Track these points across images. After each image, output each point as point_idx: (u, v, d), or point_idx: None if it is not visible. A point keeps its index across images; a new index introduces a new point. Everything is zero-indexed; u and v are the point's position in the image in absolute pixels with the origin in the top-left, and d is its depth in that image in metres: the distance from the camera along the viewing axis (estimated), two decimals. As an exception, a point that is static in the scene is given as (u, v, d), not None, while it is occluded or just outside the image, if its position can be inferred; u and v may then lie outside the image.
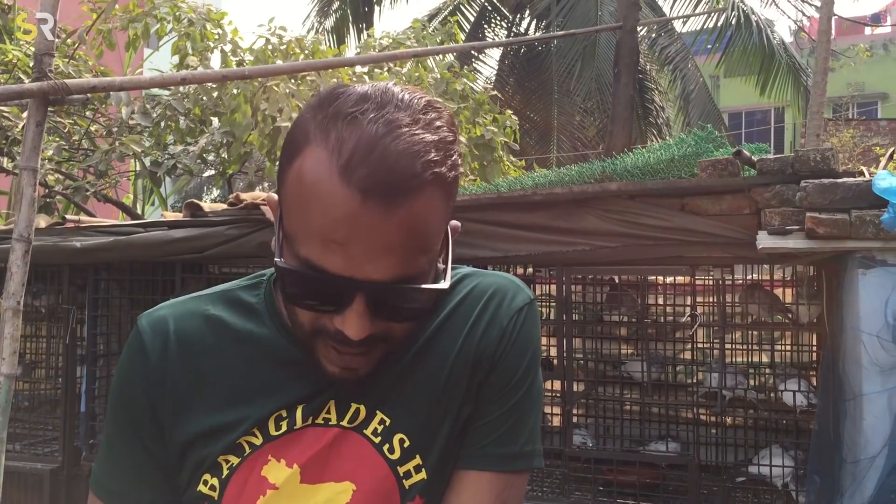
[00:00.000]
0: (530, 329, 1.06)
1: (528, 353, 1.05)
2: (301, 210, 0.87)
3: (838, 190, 2.88)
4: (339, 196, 0.82)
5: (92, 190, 6.56)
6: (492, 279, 1.08)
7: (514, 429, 1.04)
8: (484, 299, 1.05)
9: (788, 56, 12.75)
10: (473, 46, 12.67)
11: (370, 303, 0.88)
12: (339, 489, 1.00)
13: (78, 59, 7.40)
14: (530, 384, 1.05)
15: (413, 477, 1.00)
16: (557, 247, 3.43)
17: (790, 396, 3.51)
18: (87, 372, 4.36)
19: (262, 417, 1.00)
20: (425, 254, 0.89)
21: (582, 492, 3.58)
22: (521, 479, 1.05)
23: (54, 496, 4.24)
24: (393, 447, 1.00)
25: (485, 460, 1.02)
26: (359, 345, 0.90)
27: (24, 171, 2.91)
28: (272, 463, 1.00)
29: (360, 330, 0.88)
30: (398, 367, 1.01)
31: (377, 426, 1.01)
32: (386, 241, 0.84)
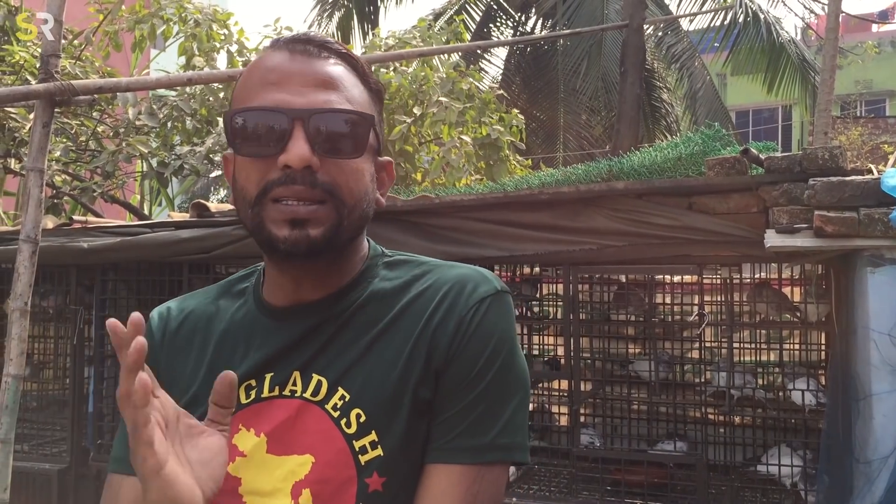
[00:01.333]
0: (493, 320, 1.06)
1: (491, 345, 1.05)
2: (244, 82, 1.07)
3: (847, 188, 2.87)
4: (273, 55, 1.05)
5: (99, 191, 6.58)
6: (458, 271, 1.11)
7: (482, 420, 1.03)
8: (445, 289, 1.07)
9: (796, 53, 12.70)
10: (479, 46, 12.66)
11: (307, 132, 1.00)
12: (301, 461, 1.03)
13: (84, 60, 7.42)
14: (496, 375, 1.04)
15: (369, 452, 1.02)
16: (564, 246, 3.42)
17: (799, 395, 3.50)
18: (95, 372, 4.37)
19: None
20: (350, 104, 1.04)
21: (590, 491, 3.57)
22: (496, 472, 1.04)
23: (62, 496, 4.25)
24: (350, 422, 1.03)
25: (452, 453, 1.03)
26: (303, 180, 0.99)
27: (31, 172, 2.92)
28: (242, 431, 1.05)
29: (301, 154, 0.99)
30: (360, 346, 1.06)
31: (337, 401, 1.04)
32: (312, 81, 1.02)
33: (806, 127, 18.07)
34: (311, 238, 1.01)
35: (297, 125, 1.00)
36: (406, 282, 1.10)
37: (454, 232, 3.56)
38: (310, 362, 1.06)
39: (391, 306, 1.08)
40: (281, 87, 1.02)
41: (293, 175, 1.00)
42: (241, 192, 1.04)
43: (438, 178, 6.94)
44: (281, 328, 1.09)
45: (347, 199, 1.03)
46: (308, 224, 1.01)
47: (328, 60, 1.06)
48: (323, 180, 1.01)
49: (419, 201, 3.60)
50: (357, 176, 1.05)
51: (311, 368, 1.06)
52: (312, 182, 1.00)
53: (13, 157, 6.52)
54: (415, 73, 7.28)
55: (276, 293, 1.12)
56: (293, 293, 1.10)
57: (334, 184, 1.02)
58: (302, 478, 1.03)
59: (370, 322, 1.07)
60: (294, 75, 1.03)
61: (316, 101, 1.02)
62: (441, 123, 6.85)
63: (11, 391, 2.86)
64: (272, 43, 1.08)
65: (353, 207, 1.04)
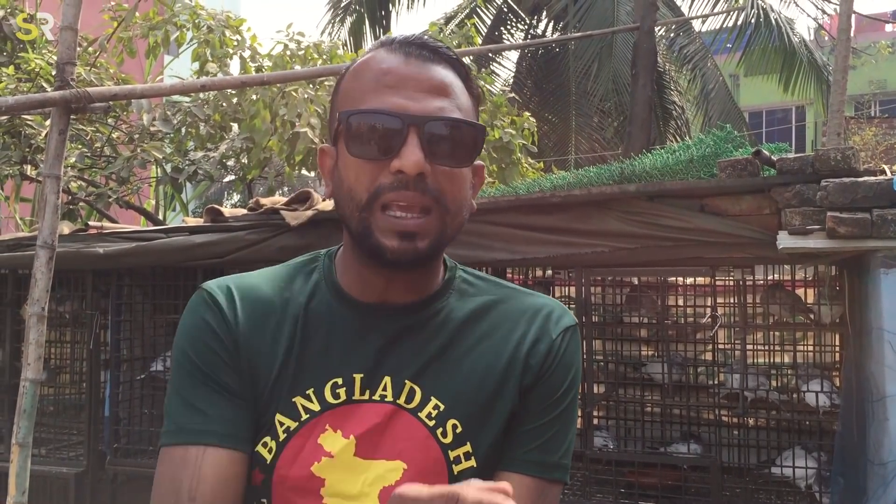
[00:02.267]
0: (575, 350, 1.13)
1: (572, 371, 1.12)
2: (355, 80, 1.07)
3: (859, 189, 2.86)
4: (387, 57, 1.05)
5: (114, 196, 6.63)
6: (541, 299, 1.16)
7: (555, 440, 1.09)
8: (536, 313, 1.12)
9: (809, 53, 12.65)
10: (490, 49, 12.66)
11: (422, 139, 0.99)
12: (391, 467, 1.03)
13: (99, 67, 7.48)
14: (571, 401, 1.12)
15: (462, 463, 1.05)
16: (576, 248, 3.43)
17: (813, 397, 3.49)
18: (111, 376, 4.40)
19: (319, 381, 1.06)
20: (460, 111, 1.04)
21: (603, 494, 3.57)
22: (556, 490, 1.10)
23: (79, 500, 4.28)
24: (446, 431, 1.05)
25: (527, 465, 1.07)
26: (415, 187, 0.99)
27: (47, 179, 2.95)
28: (329, 432, 1.04)
29: (416, 160, 0.98)
30: (451, 358, 1.08)
31: (431, 410, 1.05)
32: (427, 87, 1.03)
33: (820, 127, 17.97)
34: (418, 250, 1.01)
35: (412, 131, 1.00)
36: (492, 300, 1.13)
37: (466, 235, 3.56)
38: (401, 368, 1.06)
39: (479, 322, 1.11)
40: (397, 91, 1.02)
41: (405, 181, 0.99)
42: (348, 192, 1.03)
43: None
44: (368, 327, 1.08)
45: (451, 207, 1.03)
46: (416, 237, 1.00)
47: (440, 66, 1.06)
48: (433, 186, 1.00)
49: (431, 205, 3.60)
50: (462, 183, 1.05)
51: (402, 374, 1.06)
52: (423, 189, 1.00)
53: (30, 164, 6.58)
54: (426, 77, 7.29)
55: (363, 289, 1.09)
56: (382, 292, 1.08)
57: (441, 191, 1.01)
58: (392, 483, 1.02)
59: (459, 334, 1.09)
60: (409, 80, 1.03)
61: (430, 107, 1.02)
62: (453, 127, 6.85)
63: (29, 395, 2.89)
64: (384, 42, 1.08)
65: (455, 215, 1.04)
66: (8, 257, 4.39)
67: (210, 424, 1.06)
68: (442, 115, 1.02)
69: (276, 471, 1.04)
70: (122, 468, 4.29)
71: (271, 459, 1.04)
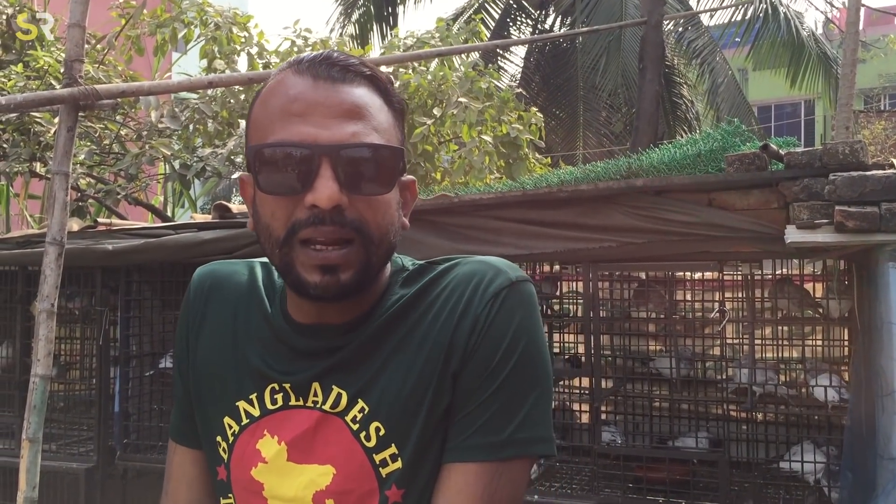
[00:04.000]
0: (509, 313, 1.02)
1: (507, 338, 1.02)
2: (264, 108, 1.01)
3: (867, 183, 2.85)
4: (295, 81, 0.99)
5: (123, 193, 6.65)
6: (469, 266, 1.07)
7: (499, 417, 1.01)
8: (459, 290, 1.04)
9: (818, 47, 12.60)
10: (498, 45, 12.65)
11: (335, 169, 0.95)
12: (322, 471, 1.04)
13: (107, 64, 7.51)
14: (514, 370, 1.01)
15: (389, 465, 1.02)
16: (584, 244, 3.42)
17: (821, 392, 3.48)
18: (121, 373, 4.42)
19: (260, 387, 1.08)
20: (377, 133, 0.99)
21: (611, 489, 3.58)
22: (515, 468, 1.02)
23: (89, 495, 4.31)
24: (370, 435, 1.03)
25: (467, 451, 1.01)
26: (332, 220, 0.95)
27: (56, 176, 2.96)
28: (266, 437, 1.06)
29: (330, 193, 0.94)
30: (379, 360, 1.04)
31: (357, 413, 1.03)
32: (338, 111, 0.97)
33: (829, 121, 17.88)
34: (341, 282, 0.98)
35: (325, 162, 0.95)
36: (421, 289, 1.07)
37: (474, 230, 3.57)
38: (330, 375, 1.05)
39: (406, 317, 1.06)
40: (305, 119, 0.97)
41: (321, 215, 0.95)
42: (265, 228, 1.00)
43: (459, 179, 6.95)
44: (303, 342, 1.08)
45: (375, 235, 0.99)
46: (339, 269, 0.97)
47: (352, 85, 1.00)
48: (351, 217, 0.97)
49: (439, 200, 3.61)
50: (385, 209, 1.01)
51: (331, 381, 1.05)
52: (342, 222, 0.96)
53: (38, 161, 6.60)
54: (434, 72, 7.30)
55: (298, 312, 1.09)
56: (315, 316, 1.08)
57: (362, 220, 0.98)
58: (323, 488, 1.03)
59: (388, 336, 1.05)
60: (318, 105, 0.97)
61: (343, 134, 0.97)
62: (461, 123, 6.87)
63: (39, 391, 2.91)
64: (291, 64, 1.02)
65: (380, 242, 1.00)
66: (17, 254, 4.42)
67: (177, 419, 1.22)
68: (356, 141, 0.97)
69: (231, 471, 1.09)
70: (131, 463, 4.32)
71: (227, 459, 1.10)
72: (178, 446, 1.20)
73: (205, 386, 1.14)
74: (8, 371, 4.77)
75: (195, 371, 1.15)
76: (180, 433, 1.20)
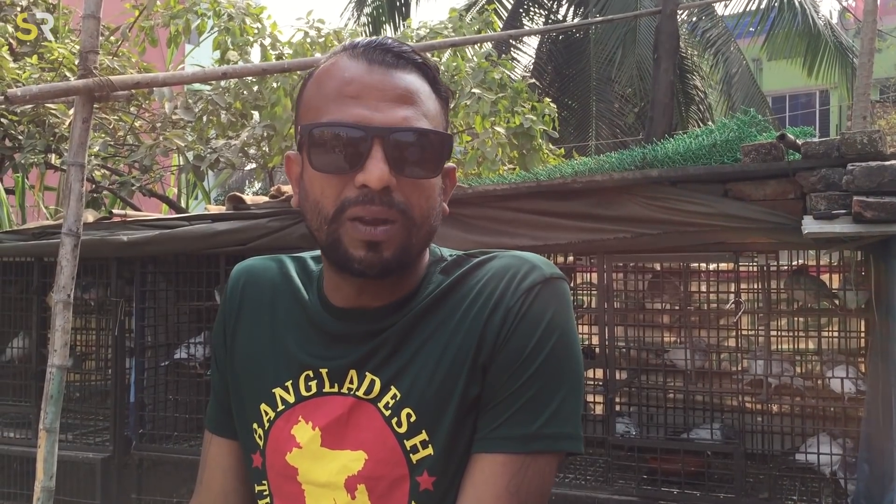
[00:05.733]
0: (542, 308, 1.04)
1: (538, 333, 1.03)
2: (318, 89, 1.05)
3: (886, 173, 2.82)
4: (349, 65, 1.03)
5: (137, 185, 6.69)
6: (504, 261, 1.09)
7: (528, 410, 1.02)
8: (493, 283, 1.06)
9: (834, 36, 12.49)
10: (511, 35, 12.59)
11: (386, 151, 0.99)
12: (354, 457, 1.06)
13: (121, 56, 7.53)
14: (544, 364, 1.03)
15: (420, 452, 1.04)
16: (598, 234, 3.41)
17: (838, 383, 3.46)
18: (136, 363, 4.44)
19: (295, 374, 1.11)
20: (426, 119, 1.03)
21: (626, 480, 3.57)
22: (542, 462, 1.03)
23: (105, 484, 4.34)
24: (401, 421, 1.05)
25: (495, 442, 1.02)
26: (380, 201, 0.99)
27: (71, 167, 2.98)
28: (301, 423, 1.09)
29: (380, 174, 0.98)
30: (412, 348, 1.07)
31: (389, 400, 1.05)
32: (391, 96, 1.01)
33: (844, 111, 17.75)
34: (384, 260, 1.01)
35: (377, 143, 0.99)
36: (457, 279, 1.09)
37: (487, 221, 3.56)
38: (365, 362, 1.07)
39: (441, 306, 1.08)
40: (359, 101, 1.01)
41: (371, 195, 0.99)
42: (315, 205, 1.03)
43: (472, 170, 6.94)
44: (340, 327, 1.11)
45: (418, 218, 1.03)
46: (382, 246, 1.00)
47: (404, 71, 1.04)
48: (398, 199, 1.00)
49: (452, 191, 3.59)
50: (429, 193, 1.05)
51: (365, 368, 1.07)
52: (389, 203, 1.00)
53: (54, 153, 6.64)
54: (447, 63, 7.28)
55: (336, 295, 1.12)
56: (354, 299, 1.10)
57: (408, 203, 1.01)
58: (355, 473, 1.05)
59: (423, 324, 1.08)
60: (373, 89, 1.01)
61: (395, 118, 1.00)
62: (474, 114, 6.85)
63: (56, 382, 2.92)
64: (345, 48, 1.06)
65: (421, 225, 1.04)
66: (34, 245, 4.44)
67: (214, 412, 1.25)
68: (407, 125, 1.01)
69: (266, 457, 1.12)
70: (147, 453, 4.34)
71: (263, 446, 1.12)
72: (213, 436, 1.24)
73: (242, 376, 1.17)
74: (25, 362, 4.80)
75: (233, 363, 1.19)
76: (216, 424, 1.24)
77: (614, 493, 3.50)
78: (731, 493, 3.39)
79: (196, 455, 4.22)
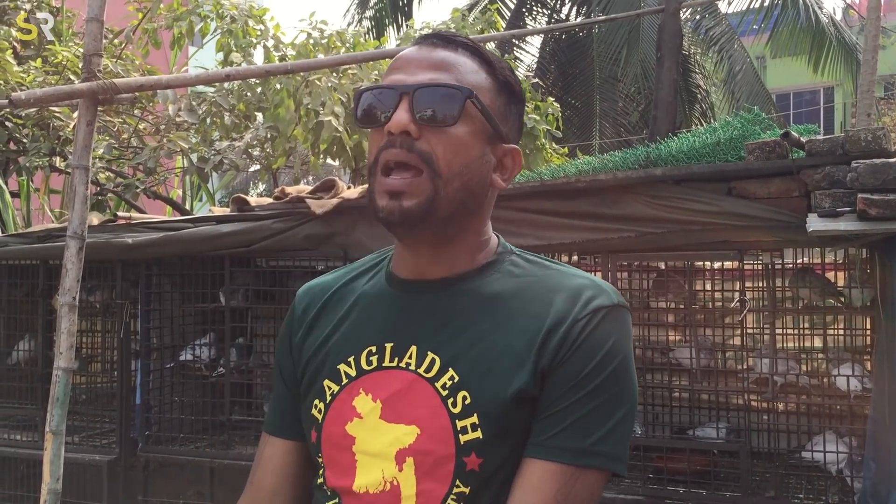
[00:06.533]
0: (605, 332, 1.09)
1: (600, 354, 1.08)
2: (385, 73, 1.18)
3: (890, 170, 2.81)
4: (405, 51, 1.17)
5: (141, 187, 6.70)
6: (578, 280, 1.15)
7: (585, 424, 1.07)
8: (563, 295, 1.12)
9: (838, 33, 12.46)
10: (514, 34, 12.58)
11: (412, 106, 1.09)
12: (407, 430, 1.11)
13: (125, 58, 7.54)
14: (604, 384, 1.08)
15: (469, 434, 1.08)
16: (602, 234, 3.40)
17: (844, 381, 3.45)
18: (142, 365, 4.44)
19: (358, 350, 1.17)
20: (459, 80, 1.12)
21: (631, 479, 3.56)
22: (592, 477, 1.07)
23: (112, 486, 4.34)
24: (456, 402, 1.09)
25: (549, 450, 1.07)
26: (401, 144, 1.09)
27: (76, 170, 2.98)
28: (362, 395, 1.15)
29: (399, 119, 1.09)
30: (476, 333, 1.12)
31: (447, 381, 1.11)
32: (427, 64, 1.13)
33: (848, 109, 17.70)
34: (403, 209, 1.08)
35: (404, 99, 1.10)
36: (528, 282, 1.15)
37: (492, 221, 3.55)
38: (427, 339, 1.13)
39: (511, 300, 1.14)
40: (401, 70, 1.14)
41: (393, 140, 1.09)
42: (367, 168, 1.15)
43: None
44: (404, 300, 1.18)
45: (444, 170, 1.09)
46: (402, 196, 1.08)
47: (450, 50, 1.15)
48: (420, 148, 1.09)
49: (456, 191, 3.59)
50: (458, 148, 1.11)
51: (427, 345, 1.13)
52: (409, 147, 1.09)
53: (58, 156, 6.65)
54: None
55: (401, 266, 1.20)
56: (415, 267, 1.18)
57: (432, 153, 1.09)
58: (406, 446, 1.10)
59: (490, 312, 1.13)
60: (413, 60, 1.14)
61: (423, 78, 1.11)
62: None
63: (62, 384, 2.93)
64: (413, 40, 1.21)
65: (449, 179, 1.10)
66: (39, 248, 4.45)
67: (273, 415, 1.32)
68: (431, 83, 1.11)
69: (323, 429, 1.17)
70: (153, 455, 4.34)
71: (321, 419, 1.17)
72: (270, 437, 1.30)
73: (310, 367, 1.23)
74: (31, 364, 4.81)
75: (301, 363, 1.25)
76: (274, 425, 1.30)
77: (620, 492, 3.50)
78: (738, 492, 3.38)
79: (201, 457, 4.24)
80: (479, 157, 1.14)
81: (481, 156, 1.14)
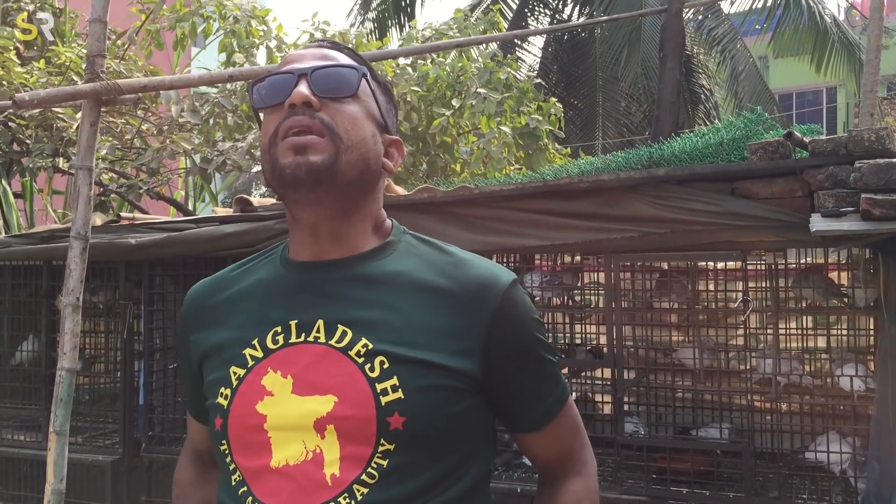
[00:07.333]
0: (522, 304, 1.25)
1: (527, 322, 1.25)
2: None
3: (894, 170, 2.81)
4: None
5: (145, 188, 6.70)
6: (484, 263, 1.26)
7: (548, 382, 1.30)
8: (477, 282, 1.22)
9: (841, 33, 12.45)
10: (517, 35, 12.58)
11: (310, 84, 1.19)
12: (323, 400, 1.15)
13: (128, 59, 7.55)
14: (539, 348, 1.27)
15: (390, 395, 1.14)
16: (605, 234, 3.40)
17: (847, 381, 3.44)
18: (145, 366, 4.45)
19: (262, 333, 1.22)
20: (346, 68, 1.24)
21: (634, 480, 3.56)
22: (569, 402, 1.34)
23: (115, 486, 4.35)
24: (374, 367, 1.15)
25: (548, 414, 1.30)
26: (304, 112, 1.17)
27: (79, 171, 2.99)
28: (270, 374, 1.19)
29: (300, 91, 1.18)
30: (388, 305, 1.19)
31: (360, 349, 1.16)
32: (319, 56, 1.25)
33: (851, 108, 17.68)
34: (310, 162, 1.15)
35: (302, 79, 1.19)
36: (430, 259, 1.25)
37: (494, 222, 3.55)
38: (334, 312, 1.19)
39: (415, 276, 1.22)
40: (293, 62, 1.24)
41: (296, 110, 1.17)
42: (262, 146, 1.20)
43: (478, 170, 6.94)
44: (304, 280, 1.23)
45: (344, 137, 1.18)
46: (308, 150, 1.15)
47: (334, 50, 1.28)
48: (321, 117, 1.18)
49: (458, 192, 3.60)
50: (354, 122, 1.21)
51: (335, 318, 1.18)
52: (311, 115, 1.17)
53: (62, 157, 6.65)
54: (452, 63, 7.28)
55: (299, 249, 1.26)
56: (314, 248, 1.24)
57: (332, 122, 1.18)
58: (324, 414, 1.13)
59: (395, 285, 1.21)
60: (305, 54, 1.26)
61: (318, 63, 1.22)
62: (480, 114, 6.84)
63: (65, 384, 2.93)
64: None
65: (350, 147, 1.19)
66: (42, 249, 4.45)
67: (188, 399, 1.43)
68: (325, 63, 1.23)
69: (230, 414, 1.20)
70: (156, 455, 4.35)
71: (227, 405, 1.21)
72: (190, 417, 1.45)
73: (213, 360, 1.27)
74: (34, 365, 4.81)
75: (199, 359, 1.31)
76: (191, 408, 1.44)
77: (623, 492, 3.50)
78: (741, 492, 3.38)
79: (205, 457, 4.23)
80: (372, 135, 1.23)
81: (373, 135, 1.24)
